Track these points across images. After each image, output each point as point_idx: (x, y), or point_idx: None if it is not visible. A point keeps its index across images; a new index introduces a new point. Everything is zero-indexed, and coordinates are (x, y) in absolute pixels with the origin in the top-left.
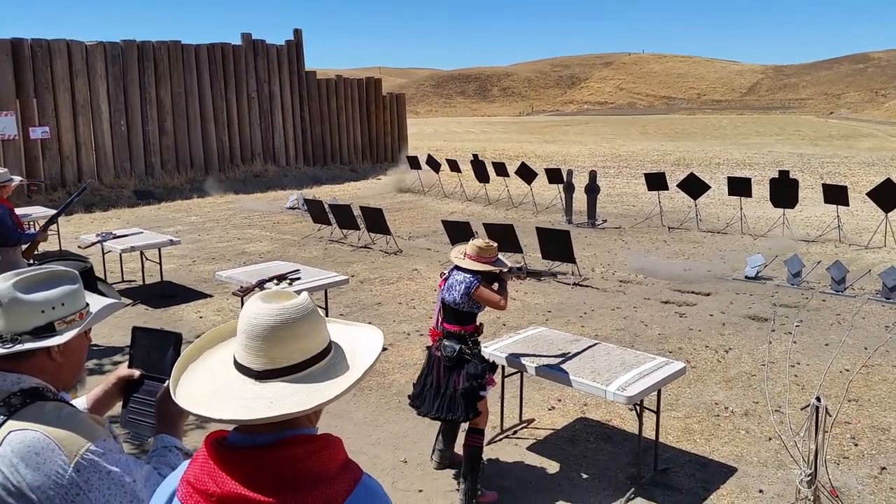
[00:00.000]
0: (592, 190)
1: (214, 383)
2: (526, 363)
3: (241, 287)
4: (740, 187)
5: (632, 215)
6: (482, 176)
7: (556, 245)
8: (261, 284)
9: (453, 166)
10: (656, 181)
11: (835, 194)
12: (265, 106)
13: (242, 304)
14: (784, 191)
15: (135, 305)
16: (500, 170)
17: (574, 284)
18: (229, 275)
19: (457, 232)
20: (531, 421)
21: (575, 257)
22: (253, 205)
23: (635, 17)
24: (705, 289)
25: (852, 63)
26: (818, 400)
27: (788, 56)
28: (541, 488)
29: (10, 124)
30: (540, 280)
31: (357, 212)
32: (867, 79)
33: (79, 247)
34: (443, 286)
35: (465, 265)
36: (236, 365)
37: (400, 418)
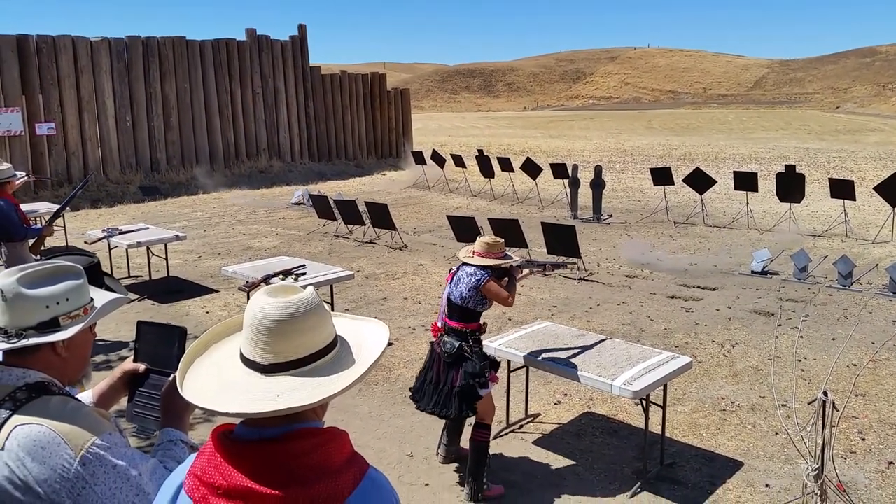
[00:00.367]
0: (598, 185)
1: (221, 377)
2: (531, 358)
3: (247, 282)
4: (746, 182)
5: (637, 210)
6: (487, 171)
7: (562, 240)
8: (266, 279)
9: (458, 161)
10: (662, 176)
11: (841, 189)
12: (270, 101)
13: (248, 299)
14: (790, 185)
15: (141, 301)
16: (506, 165)
17: (580, 279)
18: (235, 270)
19: (462, 227)
20: (537, 415)
21: (580, 252)
22: (258, 200)
23: (640, 12)
24: (711, 283)
25: (859, 57)
26: (825, 394)
27: (794, 50)
28: (547, 482)
29: (16, 120)
30: (565, 267)
31: (362, 207)
32: (874, 73)
33: (85, 242)
34: (450, 280)
35: (475, 262)
36: (242, 359)
37: (406, 412)
